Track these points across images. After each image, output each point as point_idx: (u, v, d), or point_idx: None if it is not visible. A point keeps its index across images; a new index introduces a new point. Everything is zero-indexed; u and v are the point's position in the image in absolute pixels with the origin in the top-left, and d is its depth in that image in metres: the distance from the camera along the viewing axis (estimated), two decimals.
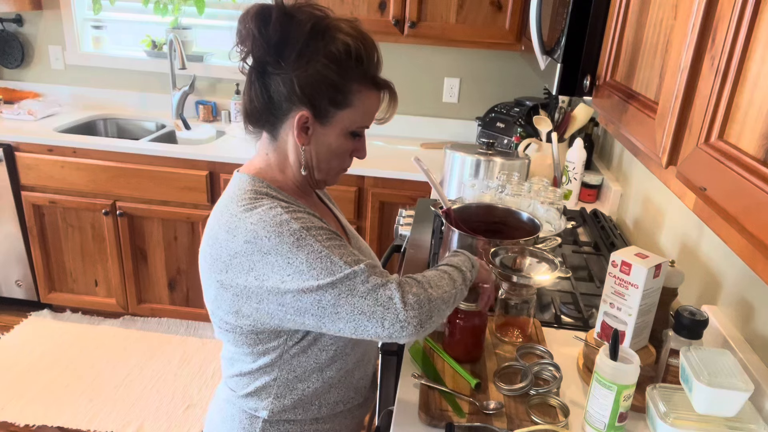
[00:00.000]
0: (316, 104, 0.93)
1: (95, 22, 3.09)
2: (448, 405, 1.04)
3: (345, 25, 0.94)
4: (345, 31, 0.93)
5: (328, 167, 1.01)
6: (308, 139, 0.97)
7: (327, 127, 0.96)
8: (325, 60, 0.91)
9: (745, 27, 0.61)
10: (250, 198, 0.94)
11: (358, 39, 0.94)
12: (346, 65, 0.92)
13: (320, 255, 0.87)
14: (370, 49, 0.96)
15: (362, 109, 0.96)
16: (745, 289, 1.12)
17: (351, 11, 2.45)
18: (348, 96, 0.94)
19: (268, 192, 0.96)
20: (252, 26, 0.91)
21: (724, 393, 0.86)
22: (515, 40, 2.44)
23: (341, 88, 0.93)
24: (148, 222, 2.69)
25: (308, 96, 0.93)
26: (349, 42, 0.92)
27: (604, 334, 1.11)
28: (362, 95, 0.95)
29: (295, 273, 0.86)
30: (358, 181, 2.48)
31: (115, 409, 2.37)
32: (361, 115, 0.97)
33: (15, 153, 2.63)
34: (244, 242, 0.89)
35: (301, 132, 0.96)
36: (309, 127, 0.96)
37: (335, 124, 0.96)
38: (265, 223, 0.89)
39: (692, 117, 0.71)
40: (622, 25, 1.04)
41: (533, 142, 2.21)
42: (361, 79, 0.95)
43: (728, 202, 0.62)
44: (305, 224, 0.90)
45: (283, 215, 0.90)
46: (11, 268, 2.87)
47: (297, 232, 0.88)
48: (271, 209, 0.90)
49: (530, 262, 1.26)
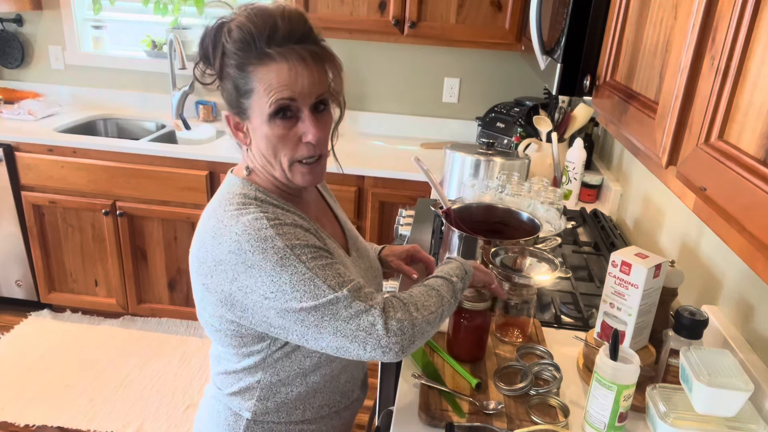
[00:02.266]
0: (232, 103, 0.94)
1: (95, 22, 3.08)
2: (448, 405, 1.04)
3: (239, 16, 0.90)
4: (233, 19, 0.90)
5: (278, 161, 0.95)
6: (246, 136, 0.97)
7: (251, 120, 0.94)
8: (223, 57, 0.91)
9: (745, 27, 0.61)
10: (239, 203, 0.93)
11: (240, 21, 0.89)
12: (238, 53, 0.89)
13: (304, 277, 0.86)
14: (259, 23, 0.89)
15: (264, 87, 0.90)
16: (745, 289, 1.12)
17: (351, 11, 2.45)
18: (248, 81, 0.91)
19: (257, 195, 0.96)
20: (198, 47, 0.95)
21: (724, 393, 0.86)
22: (515, 40, 2.44)
23: (240, 78, 0.91)
24: (148, 222, 2.69)
25: (226, 98, 0.95)
26: (231, 28, 0.89)
27: (604, 334, 1.11)
28: (259, 74, 0.90)
29: (278, 292, 0.86)
30: (358, 181, 2.48)
31: (115, 409, 2.37)
32: (266, 93, 0.90)
33: (15, 153, 2.63)
34: (228, 252, 0.88)
35: (237, 133, 0.97)
36: (240, 124, 0.96)
37: (254, 114, 0.93)
38: (249, 236, 0.87)
39: (692, 117, 0.71)
40: (622, 25, 1.04)
41: (533, 142, 2.21)
42: (256, 59, 0.90)
43: (728, 202, 0.62)
44: (290, 242, 0.88)
45: (268, 230, 0.88)
46: (11, 268, 2.87)
47: (281, 250, 0.87)
48: (257, 220, 0.89)
49: (530, 262, 1.26)
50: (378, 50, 2.84)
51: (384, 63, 2.87)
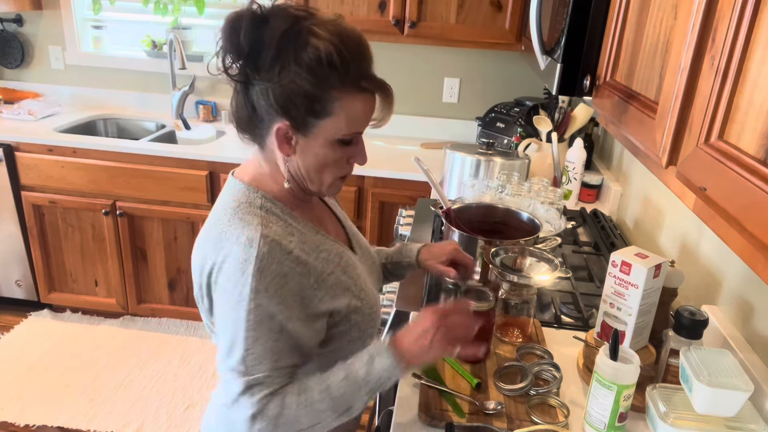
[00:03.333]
0: (294, 115, 0.88)
1: (95, 22, 3.08)
2: (448, 405, 1.04)
3: (321, 28, 0.86)
4: (318, 35, 0.86)
5: (320, 178, 0.95)
6: (293, 149, 0.92)
7: (310, 138, 0.91)
8: (297, 68, 0.85)
9: (745, 27, 0.61)
10: (243, 213, 0.92)
11: (332, 42, 0.86)
12: (319, 72, 0.85)
13: (237, 331, 0.88)
14: (352, 50, 0.88)
15: (346, 116, 0.89)
16: (745, 289, 1.12)
17: (351, 11, 2.45)
18: (327, 105, 0.88)
19: (263, 204, 0.94)
20: (225, 37, 0.88)
21: (724, 393, 0.86)
22: (515, 40, 2.44)
23: (318, 97, 0.87)
24: (148, 222, 2.69)
25: (284, 107, 0.88)
26: (320, 46, 0.85)
27: (604, 334, 1.11)
28: (344, 102, 0.88)
29: (220, 319, 0.92)
30: (358, 181, 2.48)
31: (115, 409, 2.37)
32: (345, 123, 0.90)
33: (15, 153, 2.63)
34: (221, 262, 0.90)
35: (283, 144, 0.91)
36: (292, 137, 0.91)
37: (318, 134, 0.90)
38: (236, 260, 0.87)
39: (692, 117, 0.71)
40: (622, 25, 1.04)
41: (533, 142, 2.21)
42: (340, 85, 0.87)
43: (728, 202, 0.62)
44: (256, 297, 0.86)
45: (249, 267, 0.86)
46: (11, 268, 2.87)
47: (243, 295, 0.87)
48: (250, 247, 0.87)
49: (530, 262, 1.26)
50: (378, 50, 2.80)
51: (384, 63, 2.84)
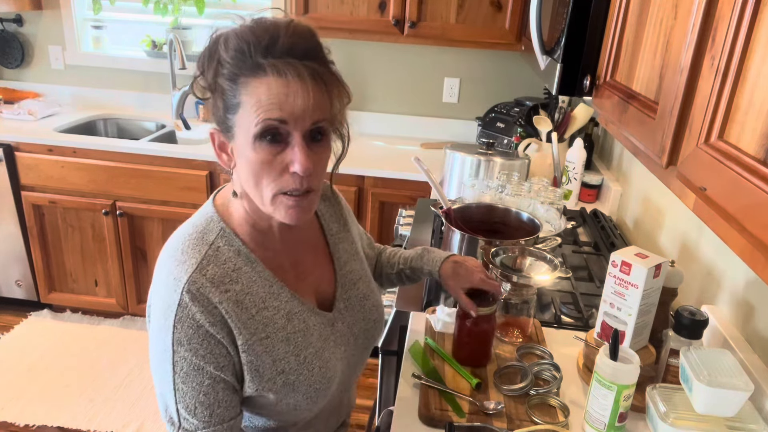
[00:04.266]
0: (218, 117, 0.84)
1: (95, 22, 3.08)
2: (448, 405, 1.04)
3: (242, 26, 0.82)
4: (235, 31, 0.81)
5: (259, 191, 0.84)
6: (230, 158, 0.87)
7: (235, 140, 0.84)
8: (217, 68, 0.81)
9: (745, 27, 0.61)
10: (189, 246, 0.87)
11: (238, 32, 0.80)
12: (228, 63, 0.80)
13: (167, 382, 0.85)
14: (259, 34, 0.79)
15: (252, 102, 0.79)
16: (745, 289, 1.12)
17: (351, 11, 2.45)
18: (237, 95, 0.80)
19: (215, 240, 0.88)
20: None
21: (724, 393, 0.86)
22: (515, 40, 2.44)
23: (228, 90, 0.81)
24: (148, 222, 2.69)
25: (212, 112, 0.84)
26: (229, 37, 0.80)
27: (604, 334, 1.11)
28: (249, 87, 0.79)
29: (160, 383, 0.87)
30: (358, 181, 2.48)
31: (115, 409, 2.36)
32: (254, 110, 0.79)
33: (15, 153, 2.63)
34: (151, 304, 0.88)
35: (220, 153, 0.87)
36: (225, 142, 0.86)
37: (238, 133, 0.82)
38: (162, 304, 0.85)
39: (692, 117, 0.71)
40: (622, 25, 1.04)
41: (533, 142, 2.21)
42: (247, 69, 0.79)
43: (728, 201, 0.62)
44: (178, 339, 0.83)
45: (171, 313, 0.83)
46: (11, 268, 2.87)
47: (166, 346, 0.84)
48: (174, 292, 0.83)
49: (530, 262, 1.26)
50: (378, 50, 2.84)
51: (384, 63, 2.87)
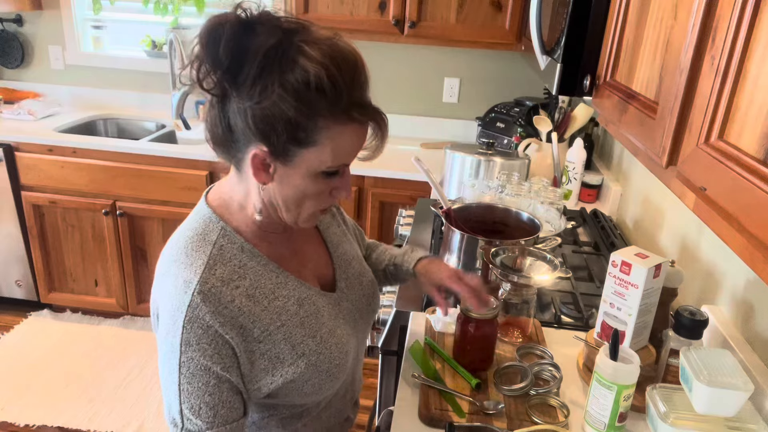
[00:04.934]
0: (273, 141, 0.79)
1: (95, 22, 3.09)
2: (448, 405, 1.04)
3: (313, 47, 0.77)
4: (308, 55, 0.76)
5: (298, 210, 0.86)
6: (270, 177, 0.83)
7: (290, 167, 0.81)
8: (281, 90, 0.75)
9: (745, 27, 0.61)
10: (192, 248, 0.86)
11: (323, 64, 0.76)
12: (306, 98, 0.76)
13: (172, 382, 0.84)
14: (345, 75, 0.78)
15: (332, 147, 0.80)
16: (745, 289, 1.12)
17: (351, 11, 2.45)
18: (312, 134, 0.78)
19: (218, 239, 0.87)
20: (203, 44, 0.77)
21: (724, 393, 0.86)
22: (515, 40, 2.44)
23: (302, 125, 0.77)
24: (148, 222, 2.69)
25: (262, 132, 0.78)
26: (309, 69, 0.75)
27: (604, 334, 1.11)
28: (332, 132, 0.79)
29: (166, 383, 0.85)
30: (358, 181, 2.48)
31: (115, 409, 2.37)
32: (331, 155, 0.81)
33: (15, 153, 2.63)
34: (160, 308, 0.86)
35: (259, 170, 0.82)
36: (270, 164, 0.82)
37: (300, 164, 0.81)
38: (171, 306, 0.83)
39: (692, 117, 0.71)
40: (622, 25, 1.04)
41: (533, 142, 2.21)
42: (329, 113, 0.78)
43: (728, 202, 0.62)
44: (186, 346, 0.81)
45: (179, 317, 0.81)
46: (11, 268, 2.87)
47: (174, 347, 0.82)
48: (185, 292, 0.82)
49: (530, 262, 1.26)
50: (378, 50, 2.83)
51: (384, 63, 2.87)
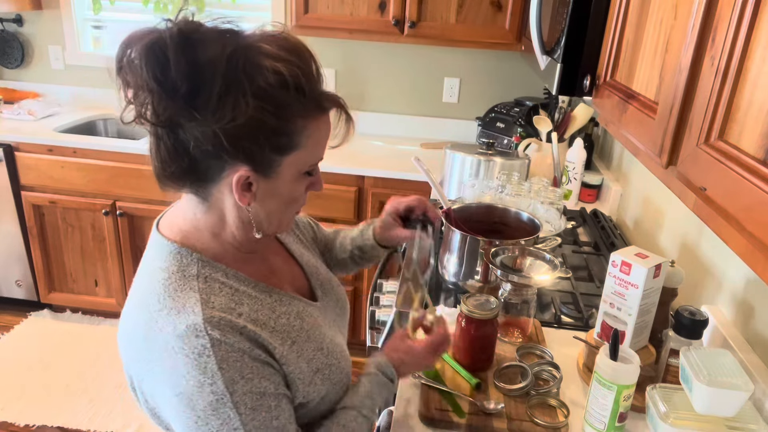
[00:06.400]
0: (256, 157, 0.75)
1: (95, 22, 3.09)
2: (448, 405, 1.04)
3: (271, 45, 0.73)
4: (272, 54, 0.72)
5: (281, 218, 0.84)
6: (253, 197, 0.79)
7: (275, 179, 0.78)
8: (255, 101, 0.71)
9: (745, 27, 0.61)
10: (176, 290, 0.77)
11: (290, 61, 0.72)
12: (283, 100, 0.72)
13: (233, 430, 0.74)
14: (306, 65, 0.75)
15: (311, 144, 0.78)
16: (745, 289, 1.12)
17: (351, 11, 2.45)
18: (294, 137, 0.75)
19: (200, 271, 0.79)
20: (146, 74, 0.68)
21: (724, 393, 0.86)
22: (515, 40, 2.44)
23: (284, 130, 0.74)
24: (148, 222, 2.69)
25: (243, 150, 0.73)
26: (281, 69, 0.71)
27: (604, 334, 1.11)
28: (309, 130, 0.77)
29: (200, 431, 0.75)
30: (358, 181, 2.48)
31: (115, 409, 2.36)
32: (311, 153, 0.79)
33: (15, 153, 2.62)
34: (161, 370, 0.76)
35: (243, 193, 0.77)
36: (252, 183, 0.77)
37: (284, 172, 0.78)
38: (187, 360, 0.73)
39: (692, 117, 0.71)
40: (622, 25, 1.04)
41: (533, 142, 2.21)
42: (304, 110, 0.75)
43: (728, 201, 0.62)
44: (232, 383, 0.73)
45: (210, 358, 0.72)
46: (11, 268, 2.87)
47: (219, 394, 0.73)
48: (196, 337, 0.73)
49: (530, 262, 1.26)
50: (378, 50, 2.83)
51: (384, 63, 2.87)
